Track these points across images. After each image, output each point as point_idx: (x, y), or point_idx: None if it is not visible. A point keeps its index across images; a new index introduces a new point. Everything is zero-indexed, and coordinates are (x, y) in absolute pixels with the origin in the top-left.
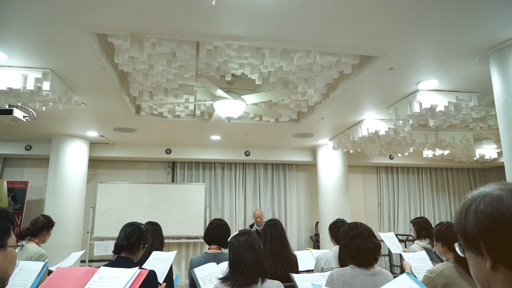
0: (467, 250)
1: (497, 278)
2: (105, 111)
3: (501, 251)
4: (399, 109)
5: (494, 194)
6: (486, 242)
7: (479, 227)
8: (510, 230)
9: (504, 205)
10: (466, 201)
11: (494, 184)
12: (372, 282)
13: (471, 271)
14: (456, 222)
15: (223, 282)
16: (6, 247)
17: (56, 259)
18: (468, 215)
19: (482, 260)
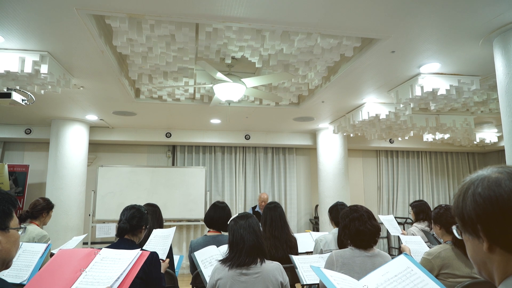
0: (464, 232)
1: (494, 259)
2: (104, 94)
3: (498, 233)
4: (400, 92)
5: (492, 177)
6: (483, 224)
7: (476, 210)
8: (507, 212)
9: (502, 188)
10: (464, 184)
11: (492, 167)
12: (371, 263)
13: (468, 253)
14: (454, 205)
15: (223, 264)
16: (9, 230)
17: (58, 241)
18: (466, 198)
19: (479, 242)
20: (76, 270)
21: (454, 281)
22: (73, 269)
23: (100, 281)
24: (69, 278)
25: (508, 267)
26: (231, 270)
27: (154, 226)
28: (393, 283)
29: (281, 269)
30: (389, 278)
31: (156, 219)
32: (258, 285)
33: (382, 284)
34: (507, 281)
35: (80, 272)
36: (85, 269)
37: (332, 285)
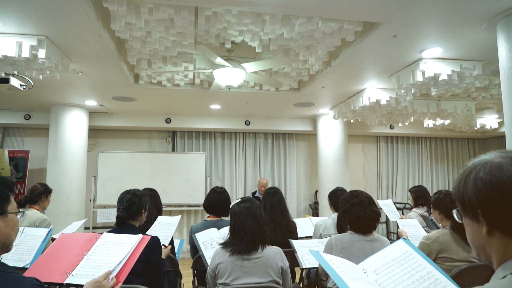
0: (464, 216)
1: (493, 243)
2: (103, 79)
3: (498, 217)
4: (402, 78)
5: (495, 161)
6: (483, 208)
7: (477, 194)
8: (508, 197)
9: (504, 173)
10: (466, 169)
11: (495, 152)
12: (370, 247)
13: (467, 236)
14: (455, 189)
15: (224, 248)
16: (7, 214)
17: (60, 226)
18: (468, 182)
19: (479, 226)
20: (78, 254)
21: (452, 265)
22: (75, 253)
23: (102, 264)
24: (71, 261)
25: (506, 250)
26: (232, 256)
27: (152, 210)
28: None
29: (282, 254)
30: (388, 262)
31: (154, 204)
32: (259, 269)
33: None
34: (505, 264)
35: (82, 256)
36: (87, 253)
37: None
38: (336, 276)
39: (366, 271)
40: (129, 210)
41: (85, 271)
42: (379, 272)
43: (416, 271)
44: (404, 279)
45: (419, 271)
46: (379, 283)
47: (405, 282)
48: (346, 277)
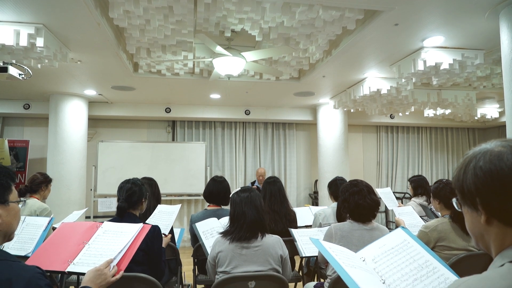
0: (463, 205)
1: (491, 231)
2: (102, 68)
3: (496, 206)
4: (403, 67)
5: (495, 150)
6: (481, 197)
7: (476, 183)
8: (506, 185)
9: (503, 162)
10: (466, 158)
11: (496, 140)
12: (369, 236)
13: (466, 225)
14: (454, 178)
15: (224, 236)
16: (8, 203)
17: (61, 215)
18: (467, 171)
19: (478, 215)
20: (79, 242)
21: (450, 253)
22: (76, 241)
23: (103, 253)
24: (72, 250)
25: (505, 239)
26: (232, 243)
27: (151, 200)
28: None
29: (281, 243)
30: (386, 250)
31: (152, 193)
32: (258, 258)
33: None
34: (503, 252)
35: (83, 244)
36: (88, 242)
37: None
38: (336, 264)
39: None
40: (129, 200)
41: (86, 260)
42: (378, 260)
43: (414, 260)
44: (402, 267)
45: (417, 260)
46: (377, 271)
47: (403, 270)
48: (345, 264)
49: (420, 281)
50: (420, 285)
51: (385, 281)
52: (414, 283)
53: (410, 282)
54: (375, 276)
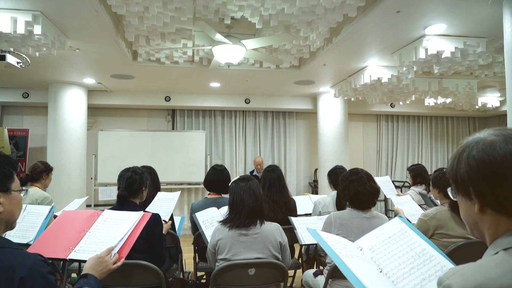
0: (457, 194)
1: (485, 220)
2: (101, 57)
3: (489, 195)
4: (404, 55)
5: (488, 139)
6: (474, 186)
7: (469, 173)
8: (499, 174)
9: (496, 151)
10: (460, 147)
11: (489, 129)
12: (368, 224)
13: (461, 214)
14: (449, 167)
15: (223, 224)
16: (11, 192)
17: (62, 204)
18: (461, 161)
19: (471, 204)
20: (80, 230)
21: (448, 241)
22: (77, 229)
23: (104, 241)
24: (73, 238)
25: (498, 227)
26: (231, 230)
27: (151, 188)
28: (387, 244)
29: (280, 230)
30: (383, 239)
31: (152, 181)
32: (258, 245)
33: (376, 245)
34: (497, 241)
35: (84, 232)
36: (89, 230)
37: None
38: (333, 254)
39: (362, 249)
40: (129, 189)
41: (88, 247)
42: (375, 249)
43: (411, 248)
44: (399, 256)
45: (414, 248)
46: (374, 260)
47: (400, 259)
48: (342, 254)
49: (417, 269)
50: (416, 273)
51: (382, 269)
52: (411, 271)
53: (407, 270)
54: (372, 265)
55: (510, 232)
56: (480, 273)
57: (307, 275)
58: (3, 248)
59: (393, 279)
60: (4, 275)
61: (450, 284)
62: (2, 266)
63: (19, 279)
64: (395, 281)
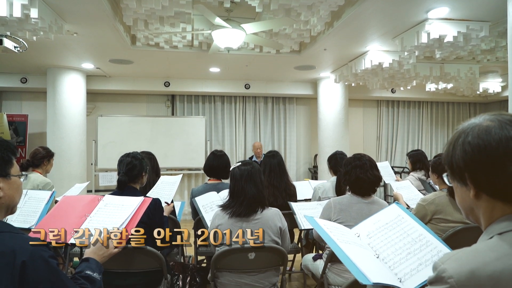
0: (453, 180)
1: (480, 205)
2: (99, 41)
3: (484, 181)
4: (406, 39)
5: (483, 125)
6: (470, 172)
7: (464, 159)
8: (494, 160)
9: (491, 136)
10: (456, 133)
11: (485, 115)
12: (368, 209)
13: (456, 199)
14: (444, 153)
15: (223, 210)
16: (10, 176)
17: (63, 189)
18: (456, 147)
19: (467, 189)
20: (81, 215)
21: (446, 226)
22: (78, 214)
23: (105, 225)
24: (74, 222)
25: (493, 212)
26: (231, 218)
27: (151, 174)
28: (384, 231)
29: (280, 215)
30: (380, 226)
31: (152, 167)
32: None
33: (373, 232)
34: (492, 226)
35: (85, 217)
36: (90, 215)
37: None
38: (330, 240)
39: (359, 235)
40: (129, 174)
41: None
42: (372, 236)
43: (408, 234)
44: (396, 242)
45: (411, 234)
46: (371, 246)
47: (397, 245)
48: (339, 241)
49: (413, 255)
50: (413, 258)
51: (379, 255)
52: (407, 256)
53: (403, 256)
54: (369, 251)
55: (505, 217)
56: (474, 257)
57: (307, 259)
58: (4, 232)
59: (390, 264)
60: (5, 259)
61: (445, 268)
62: (3, 251)
63: (20, 263)
64: (392, 266)
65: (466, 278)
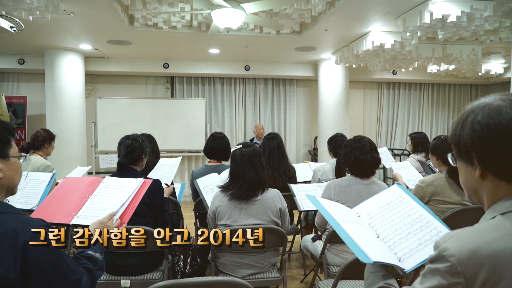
0: (459, 160)
1: (485, 185)
2: (97, 21)
3: (491, 160)
4: (408, 19)
5: (494, 104)
6: (477, 152)
7: (473, 138)
8: (503, 139)
9: (502, 116)
10: (464, 112)
11: (496, 94)
12: (367, 191)
13: (460, 179)
14: (451, 132)
15: (223, 192)
16: (9, 158)
17: (63, 171)
18: (465, 126)
19: (472, 169)
20: (82, 196)
21: (444, 207)
22: (79, 195)
23: (106, 207)
24: (75, 204)
25: (497, 192)
26: (231, 200)
27: (150, 156)
28: (385, 211)
29: (280, 196)
30: (381, 206)
31: (151, 149)
32: (258, 211)
33: (374, 212)
34: (495, 205)
35: (86, 198)
36: (90, 196)
37: (326, 212)
38: (332, 219)
39: (360, 215)
40: (129, 156)
41: (90, 213)
42: (373, 216)
43: (408, 214)
44: (396, 222)
45: (411, 214)
46: (372, 226)
47: (397, 225)
48: (341, 220)
49: (413, 235)
50: (413, 238)
51: (379, 235)
52: (407, 236)
53: (403, 236)
54: (369, 231)
55: (508, 197)
56: (476, 236)
57: (306, 240)
58: (5, 213)
59: (390, 244)
60: (7, 240)
61: (447, 247)
62: (5, 231)
63: (22, 243)
64: (391, 246)
65: (467, 257)
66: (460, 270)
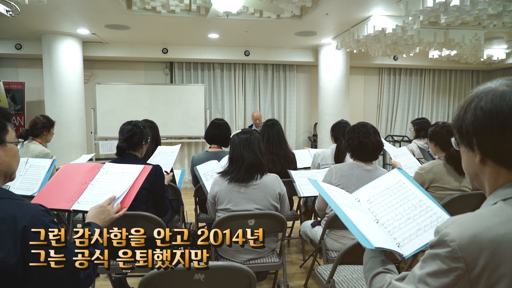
0: (461, 144)
1: (485, 171)
2: (94, 5)
3: (491, 147)
4: (411, 3)
5: (499, 90)
6: (478, 138)
7: (474, 124)
8: (504, 125)
9: (505, 102)
10: (469, 97)
11: (502, 79)
12: (368, 176)
13: (462, 164)
14: (455, 117)
15: (223, 176)
16: (6, 143)
17: (63, 157)
18: (468, 111)
19: (473, 154)
20: (82, 182)
21: (443, 193)
22: (79, 181)
23: (106, 192)
24: (76, 189)
25: (498, 179)
26: (230, 184)
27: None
28: (385, 196)
29: (279, 181)
30: (381, 191)
31: (152, 136)
32: (257, 195)
33: (374, 197)
34: (496, 191)
35: (86, 184)
36: (91, 182)
37: (328, 196)
38: (334, 204)
39: (359, 200)
40: (129, 141)
41: (90, 199)
42: (372, 201)
43: (408, 199)
44: (396, 207)
45: (411, 199)
46: (371, 211)
47: (396, 210)
48: (342, 205)
49: (413, 220)
50: (412, 223)
51: (378, 220)
52: (407, 221)
53: (403, 221)
54: (369, 216)
55: (510, 183)
56: (478, 222)
57: (305, 226)
58: (3, 198)
59: (389, 229)
60: (6, 225)
61: (448, 232)
62: (4, 216)
63: (22, 228)
64: (391, 231)
65: (468, 242)
66: (461, 255)
